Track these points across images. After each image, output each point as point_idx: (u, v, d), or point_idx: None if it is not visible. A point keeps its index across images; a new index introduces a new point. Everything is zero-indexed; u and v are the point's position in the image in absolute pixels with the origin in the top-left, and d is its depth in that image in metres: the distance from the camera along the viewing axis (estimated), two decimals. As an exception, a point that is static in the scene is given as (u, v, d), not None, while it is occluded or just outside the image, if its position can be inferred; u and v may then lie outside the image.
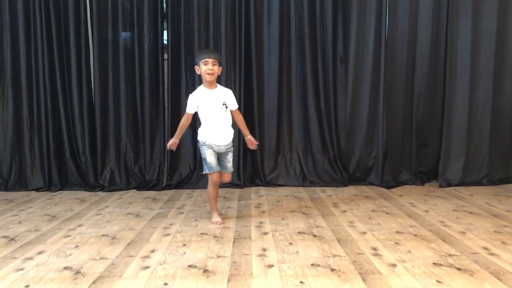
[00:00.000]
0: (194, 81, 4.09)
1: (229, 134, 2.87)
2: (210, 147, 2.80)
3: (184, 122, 2.87)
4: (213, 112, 2.78)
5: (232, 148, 2.92)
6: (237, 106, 2.91)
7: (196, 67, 2.78)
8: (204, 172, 2.87)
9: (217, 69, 2.74)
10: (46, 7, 3.97)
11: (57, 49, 4.01)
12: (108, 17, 4.04)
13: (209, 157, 2.80)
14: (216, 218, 2.87)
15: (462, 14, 3.99)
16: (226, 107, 2.80)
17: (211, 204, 2.92)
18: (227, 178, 2.97)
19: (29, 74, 4.06)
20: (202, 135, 2.84)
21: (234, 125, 2.92)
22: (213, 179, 2.83)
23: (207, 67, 2.70)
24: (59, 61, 4.02)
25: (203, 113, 2.81)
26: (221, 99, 2.79)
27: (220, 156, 2.87)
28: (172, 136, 4.05)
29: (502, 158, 4.20)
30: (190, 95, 2.85)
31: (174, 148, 2.95)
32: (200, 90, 2.81)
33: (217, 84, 2.84)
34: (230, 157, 2.90)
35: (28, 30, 4.03)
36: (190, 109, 2.82)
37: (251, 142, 2.97)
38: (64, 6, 4.00)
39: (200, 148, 2.86)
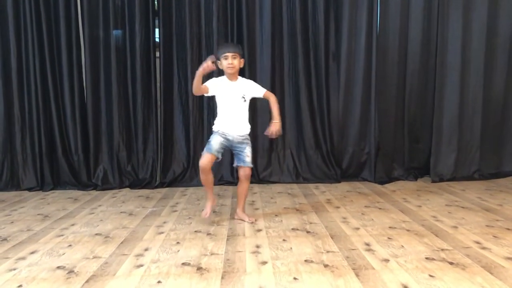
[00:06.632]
0: (187, 78, 4.09)
1: (245, 126, 2.81)
2: (223, 135, 2.75)
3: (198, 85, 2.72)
4: (231, 103, 2.77)
5: (249, 142, 2.82)
6: (264, 90, 2.86)
7: (218, 62, 2.77)
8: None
9: (237, 63, 2.75)
10: (36, 5, 3.93)
11: (48, 47, 3.97)
12: (99, 15, 4.01)
13: (214, 140, 2.73)
14: (206, 208, 2.84)
15: (452, 9, 4.02)
16: (245, 100, 2.79)
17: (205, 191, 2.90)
18: (245, 172, 2.81)
19: (20, 73, 4.02)
20: (217, 125, 2.80)
21: (250, 120, 2.87)
22: (202, 159, 2.72)
23: (227, 61, 2.72)
24: (50, 59, 3.99)
25: (221, 103, 2.80)
26: (241, 91, 2.79)
27: (236, 148, 2.79)
28: (164, 133, 4.11)
29: (493, 153, 4.23)
30: (213, 78, 2.85)
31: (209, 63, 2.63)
32: (223, 79, 2.81)
33: (239, 77, 2.83)
34: (247, 151, 2.79)
35: (18, 28, 3.99)
36: (208, 83, 2.76)
37: (274, 127, 2.78)
38: (55, 4, 3.97)
39: (211, 136, 2.80)
